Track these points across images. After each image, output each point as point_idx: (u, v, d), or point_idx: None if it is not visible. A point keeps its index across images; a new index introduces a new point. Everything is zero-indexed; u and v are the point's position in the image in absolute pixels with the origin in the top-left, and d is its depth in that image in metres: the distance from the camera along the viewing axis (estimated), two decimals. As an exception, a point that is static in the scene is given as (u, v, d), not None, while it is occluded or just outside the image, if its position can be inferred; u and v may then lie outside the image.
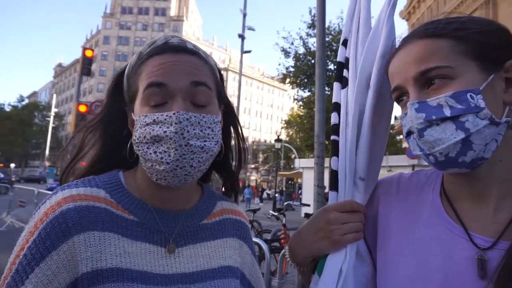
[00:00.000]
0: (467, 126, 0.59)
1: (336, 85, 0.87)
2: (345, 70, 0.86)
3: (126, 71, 0.76)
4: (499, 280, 0.56)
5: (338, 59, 0.89)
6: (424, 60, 0.63)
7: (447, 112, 0.60)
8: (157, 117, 0.65)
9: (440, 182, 0.74)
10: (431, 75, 0.62)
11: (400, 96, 0.68)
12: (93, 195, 0.68)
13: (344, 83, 0.85)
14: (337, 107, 0.84)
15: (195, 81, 0.69)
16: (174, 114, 0.64)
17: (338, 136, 0.81)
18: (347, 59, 0.87)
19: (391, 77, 0.70)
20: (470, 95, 0.59)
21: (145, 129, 0.66)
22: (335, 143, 0.81)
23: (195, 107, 0.69)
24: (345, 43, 0.90)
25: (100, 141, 0.78)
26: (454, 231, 0.65)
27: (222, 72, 0.82)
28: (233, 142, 0.89)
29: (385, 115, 0.80)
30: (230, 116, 0.85)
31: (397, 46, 0.72)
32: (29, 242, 0.62)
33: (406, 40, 0.69)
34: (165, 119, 0.65)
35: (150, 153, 0.65)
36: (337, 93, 0.86)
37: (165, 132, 0.64)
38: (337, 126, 0.83)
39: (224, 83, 0.84)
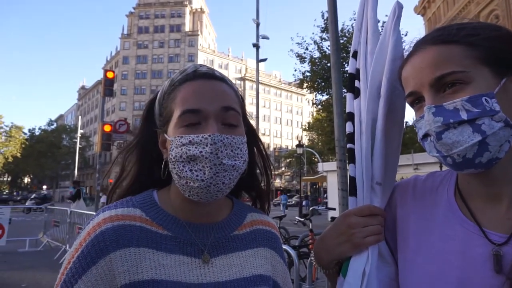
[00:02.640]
0: (483, 129, 0.62)
1: (349, 95, 0.92)
2: (356, 81, 0.90)
3: (158, 96, 0.84)
4: None
5: (349, 70, 0.94)
6: (439, 66, 0.66)
7: (464, 116, 0.63)
8: (193, 138, 0.72)
9: (454, 182, 0.77)
10: (447, 80, 0.65)
11: (415, 100, 0.71)
12: (129, 215, 0.76)
13: (356, 93, 0.89)
14: (351, 116, 0.89)
15: (225, 106, 0.76)
16: (209, 136, 0.71)
17: (354, 144, 0.86)
18: (357, 70, 0.91)
19: (405, 82, 0.73)
20: (485, 99, 0.62)
21: (181, 149, 0.72)
22: (351, 151, 0.86)
23: (226, 129, 0.75)
24: (355, 55, 0.94)
25: (137, 162, 0.85)
26: (469, 229, 0.68)
27: (239, 81, 0.88)
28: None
29: (397, 122, 0.83)
30: (252, 137, 0.90)
31: (409, 50, 0.75)
32: (74, 257, 0.71)
33: (418, 46, 0.71)
34: (200, 140, 0.71)
35: (186, 171, 0.71)
36: (350, 103, 0.90)
37: (201, 152, 0.70)
38: (352, 134, 0.87)
39: (243, 94, 0.90)
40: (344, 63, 15.69)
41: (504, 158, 0.64)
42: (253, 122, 0.93)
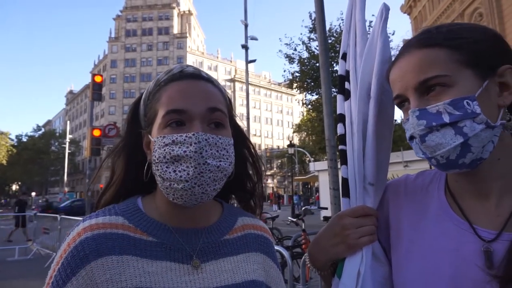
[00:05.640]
0: (465, 131, 0.64)
1: (339, 97, 0.93)
2: (346, 83, 0.91)
3: (143, 97, 0.82)
4: (506, 270, 0.60)
5: (339, 72, 0.95)
6: (423, 70, 0.67)
7: (446, 119, 0.64)
8: (176, 138, 0.70)
9: (444, 180, 0.78)
10: (431, 84, 0.67)
11: (402, 102, 0.73)
12: (111, 223, 0.73)
13: (346, 95, 0.90)
14: (342, 118, 0.90)
15: (211, 107, 0.74)
16: (193, 134, 0.69)
17: (346, 145, 0.86)
18: (347, 72, 0.92)
19: (392, 85, 0.74)
20: (467, 102, 0.64)
21: (164, 149, 0.70)
22: (343, 153, 0.87)
23: (211, 130, 0.73)
24: (344, 56, 0.95)
25: (124, 166, 0.82)
26: (460, 226, 0.70)
27: (229, 83, 0.88)
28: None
29: (387, 122, 0.84)
30: (240, 138, 0.88)
31: (396, 54, 0.77)
32: (55, 270, 0.69)
33: (404, 49, 0.73)
34: (184, 140, 0.69)
35: (170, 172, 0.69)
36: (341, 105, 0.91)
37: (185, 151, 0.68)
38: (343, 136, 0.88)
39: (232, 97, 0.89)
40: (332, 62, 15.79)
41: (490, 156, 0.66)
42: (244, 123, 0.92)
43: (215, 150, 0.71)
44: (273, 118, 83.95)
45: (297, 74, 19.70)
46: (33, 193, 66.02)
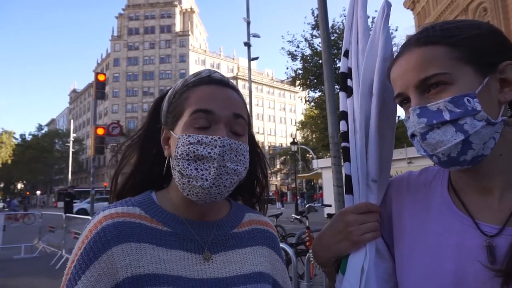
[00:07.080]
0: (465, 128, 0.64)
1: (341, 94, 0.93)
2: (349, 80, 0.91)
3: (168, 94, 0.86)
4: (508, 264, 0.60)
5: (341, 70, 0.95)
6: (423, 68, 0.68)
7: (447, 116, 0.65)
8: (202, 139, 0.74)
9: (447, 177, 0.78)
10: (431, 82, 0.67)
11: (403, 100, 0.74)
12: (129, 213, 0.78)
13: (349, 92, 0.90)
14: (344, 115, 0.90)
15: (236, 114, 0.79)
16: (219, 138, 0.74)
17: (348, 142, 0.87)
18: (349, 69, 0.92)
19: (394, 83, 0.75)
20: (467, 99, 0.64)
21: (189, 148, 0.74)
22: (346, 150, 0.87)
23: (233, 136, 0.78)
24: (346, 54, 0.95)
25: (137, 155, 0.87)
26: (463, 221, 0.70)
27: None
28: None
29: (390, 119, 0.85)
30: (253, 145, 0.92)
31: (396, 53, 0.77)
32: (78, 255, 0.73)
33: (404, 48, 0.73)
34: (210, 141, 0.74)
35: (191, 169, 0.73)
36: (344, 102, 0.91)
37: (209, 153, 0.73)
38: (346, 133, 0.88)
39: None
40: (335, 59, 15.72)
41: (492, 152, 0.66)
42: None
43: (234, 155, 0.76)
44: (276, 116, 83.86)
45: (300, 71, 19.64)
46: (38, 192, 66.43)
